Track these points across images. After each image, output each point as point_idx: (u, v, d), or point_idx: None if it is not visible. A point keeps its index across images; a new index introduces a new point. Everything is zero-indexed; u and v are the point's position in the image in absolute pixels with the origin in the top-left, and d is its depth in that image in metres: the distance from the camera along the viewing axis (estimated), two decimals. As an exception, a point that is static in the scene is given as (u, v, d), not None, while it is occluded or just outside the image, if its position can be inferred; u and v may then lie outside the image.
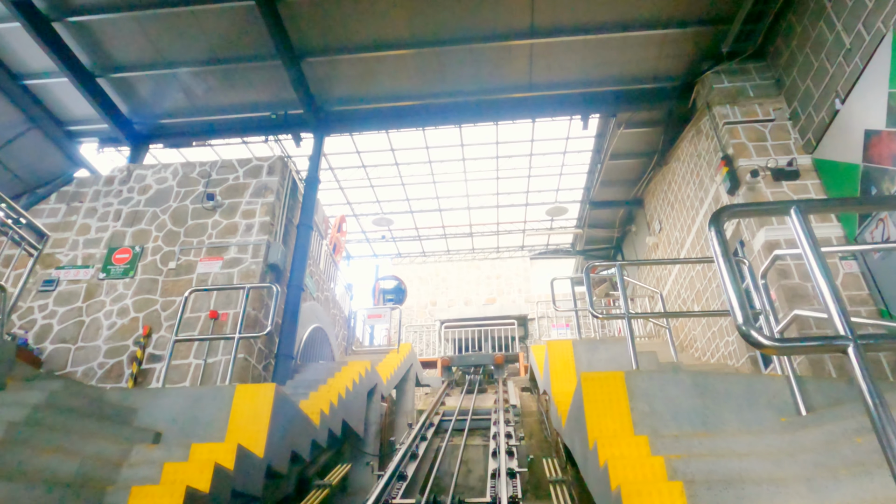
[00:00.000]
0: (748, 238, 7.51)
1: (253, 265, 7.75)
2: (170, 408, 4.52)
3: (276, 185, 8.62)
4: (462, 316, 19.53)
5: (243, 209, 8.38)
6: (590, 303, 4.66)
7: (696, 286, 9.93)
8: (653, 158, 12.18)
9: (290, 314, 8.04)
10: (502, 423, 8.99)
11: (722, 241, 1.76)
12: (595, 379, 4.23)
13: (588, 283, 4.83)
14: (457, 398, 13.00)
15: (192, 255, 7.98)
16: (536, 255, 20.88)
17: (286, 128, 10.83)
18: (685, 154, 10.33)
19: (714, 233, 1.75)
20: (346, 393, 6.88)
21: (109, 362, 7.05)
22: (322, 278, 11.11)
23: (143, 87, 10.18)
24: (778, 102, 8.31)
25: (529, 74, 9.62)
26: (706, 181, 9.15)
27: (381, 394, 9.31)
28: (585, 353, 7.12)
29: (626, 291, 15.04)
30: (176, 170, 9.04)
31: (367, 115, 10.54)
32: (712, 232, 1.76)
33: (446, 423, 10.42)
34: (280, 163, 8.92)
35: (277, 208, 8.58)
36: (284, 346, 7.74)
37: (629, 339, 4.48)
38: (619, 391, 4.16)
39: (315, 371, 8.22)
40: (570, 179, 14.59)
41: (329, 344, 10.98)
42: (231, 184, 8.74)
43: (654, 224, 12.75)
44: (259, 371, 7.41)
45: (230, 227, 8.22)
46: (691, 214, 10.05)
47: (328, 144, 12.79)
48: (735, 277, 1.67)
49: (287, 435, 4.79)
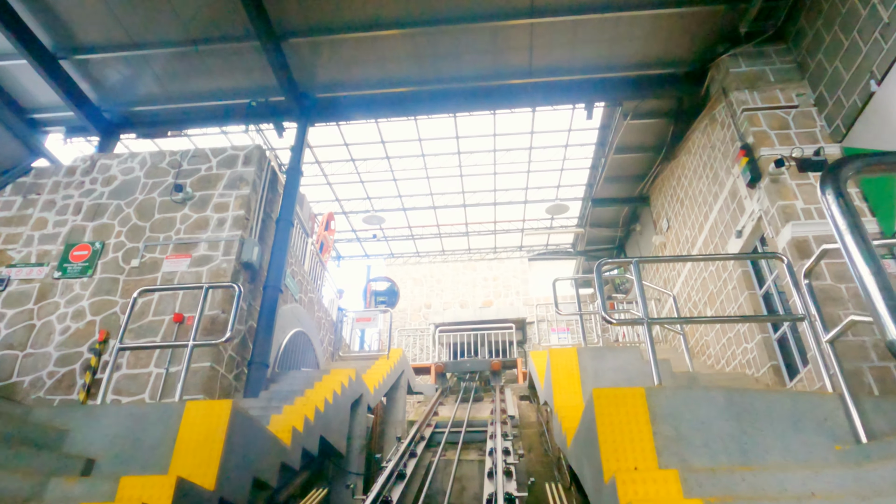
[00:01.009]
0: (771, 235, 6.91)
1: (224, 263, 7.11)
2: (108, 429, 3.88)
3: (252, 176, 7.98)
4: (458, 319, 18.88)
5: (216, 202, 7.74)
6: (602, 306, 4.05)
7: (710, 288, 9.33)
8: (660, 152, 11.59)
9: (265, 317, 7.40)
10: (499, 436, 8.36)
11: (847, 209, 1.12)
12: (610, 396, 3.62)
13: (599, 282, 4.21)
14: (451, 407, 12.37)
15: (157, 252, 7.33)
16: (536, 255, 20.28)
17: (268, 116, 10.20)
18: (697, 146, 9.74)
19: (833, 198, 1.11)
20: (325, 406, 6.24)
21: (60, 371, 6.39)
22: (306, 279, 10.47)
23: (113, 72, 9.54)
24: (801, 87, 7.73)
25: (529, 58, 9.01)
26: (721, 174, 8.56)
27: (368, 404, 8.67)
28: (591, 361, 6.53)
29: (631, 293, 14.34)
30: (144, 159, 8.40)
31: (354, 102, 9.91)
32: (830, 197, 1.13)
33: (439, 435, 9.79)
34: (257, 152, 8.28)
35: (254, 201, 7.94)
36: (258, 352, 7.09)
37: (650, 348, 3.87)
38: (638, 411, 3.54)
39: (293, 381, 7.58)
40: (571, 175, 14.00)
41: (313, 350, 10.33)
42: (203, 174, 8.10)
43: (662, 222, 12.16)
44: (229, 381, 6.77)
45: (200, 222, 7.57)
46: (703, 211, 9.46)
47: (314, 136, 12.17)
48: (876, 263, 1.04)
49: (248, 459, 4.15)
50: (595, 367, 6.50)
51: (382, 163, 12.92)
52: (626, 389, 3.63)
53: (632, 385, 6.44)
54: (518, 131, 11.87)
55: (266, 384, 7.25)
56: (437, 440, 9.63)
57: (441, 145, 12.34)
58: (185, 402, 3.93)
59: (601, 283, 4.21)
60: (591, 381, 6.45)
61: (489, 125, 11.51)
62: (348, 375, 7.54)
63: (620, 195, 13.87)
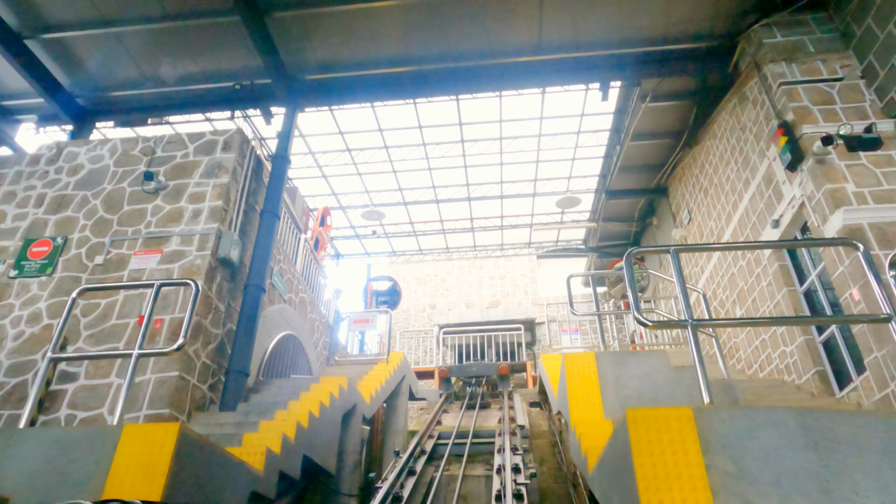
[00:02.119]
0: (816, 223, 6.16)
1: (198, 259, 6.44)
2: (27, 460, 3.21)
3: (232, 164, 7.30)
4: (463, 320, 18.18)
5: (191, 192, 7.07)
6: (634, 304, 3.33)
7: (739, 285, 8.58)
8: (681, 138, 10.83)
9: (246, 320, 6.72)
10: (508, 450, 7.66)
11: None
12: (649, 419, 2.91)
13: (630, 276, 3.50)
14: (455, 415, 11.68)
15: (125, 247, 6.67)
16: (545, 252, 19.53)
17: (254, 101, 9.54)
18: (724, 129, 8.98)
19: None
20: (310, 420, 5.56)
21: (11, 382, 5.74)
22: (297, 278, 9.79)
23: (85, 54, 8.89)
24: (846, 58, 6.97)
25: (539, 32, 8.28)
26: (753, 158, 7.81)
27: (364, 415, 7.99)
28: (612, 368, 5.82)
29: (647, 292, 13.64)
30: (114, 146, 7.74)
31: (347, 84, 9.22)
32: None
33: (442, 447, 9.09)
34: (238, 137, 7.61)
35: (233, 191, 7.26)
36: (237, 359, 6.42)
37: (696, 356, 3.15)
38: (686, 439, 2.84)
39: (278, 390, 6.91)
40: (583, 166, 13.25)
41: (305, 354, 9.66)
42: (179, 162, 7.44)
43: (682, 214, 11.40)
44: (203, 392, 6.09)
45: (174, 214, 6.91)
46: (732, 200, 8.71)
47: (307, 124, 11.49)
48: None
49: (204, 493, 3.46)
50: (616, 374, 5.80)
51: (380, 153, 12.22)
52: (669, 410, 2.92)
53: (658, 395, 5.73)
54: (526, 116, 11.14)
55: (246, 395, 6.57)
56: (440, 452, 8.93)
57: (443, 133, 11.63)
58: (123, 427, 3.25)
59: (632, 276, 3.49)
60: (611, 390, 5.74)
61: (494, 109, 10.78)
62: (339, 384, 6.86)
63: (637, 186, 13.11)
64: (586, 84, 9.45)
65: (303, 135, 11.55)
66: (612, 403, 5.61)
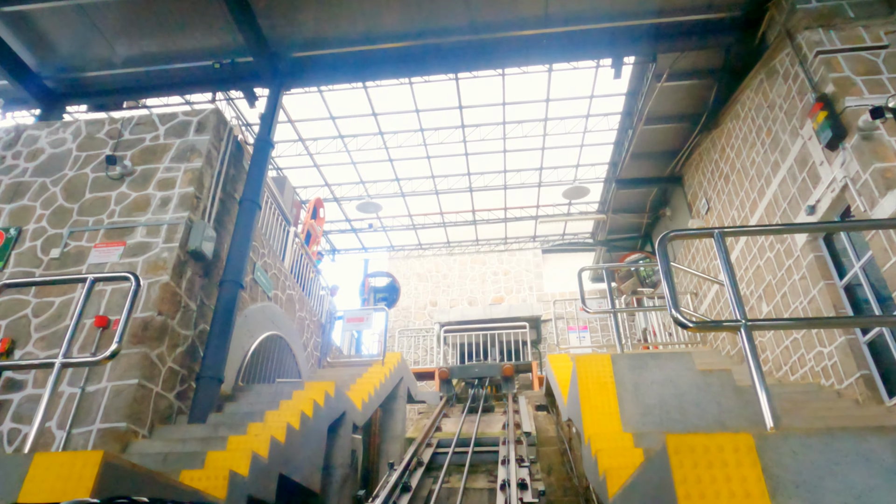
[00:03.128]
0: (863, 207, 5.51)
1: (164, 252, 5.82)
2: (-87, 496, 2.60)
3: (206, 147, 6.68)
4: (465, 318, 17.58)
5: (160, 178, 6.46)
6: (672, 301, 2.70)
7: (766, 278, 7.93)
8: (699, 121, 10.16)
9: (220, 320, 6.11)
10: (513, 461, 7.05)
11: None
12: (697, 451, 2.29)
13: (665, 266, 2.86)
14: (457, 420, 11.07)
15: (85, 239, 6.07)
16: (551, 246, 18.91)
17: (235, 81, 8.91)
18: (748, 108, 8.32)
19: None
20: (288, 433, 4.95)
21: (-50, 391, 5.14)
22: (283, 273, 9.18)
23: (53, 31, 8.28)
24: (890, 24, 6.30)
25: (545, 2, 7.63)
26: (783, 138, 7.15)
27: (354, 423, 7.38)
28: (630, 373, 5.21)
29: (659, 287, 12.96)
30: (78, 129, 7.14)
31: (336, 61, 8.58)
32: None
33: (441, 456, 8.49)
34: (214, 117, 6.99)
35: (208, 177, 6.64)
36: (210, 364, 5.81)
37: (753, 366, 2.52)
38: (747, 475, 2.23)
39: (258, 397, 6.31)
40: (592, 153, 12.59)
41: (293, 356, 9.05)
42: (148, 145, 6.82)
43: (699, 204, 10.74)
44: (170, 402, 5.49)
45: (140, 202, 6.29)
46: (757, 186, 8.05)
47: (296, 109, 10.86)
48: None
49: (140, 535, 2.84)
50: (635, 379, 5.19)
51: (375, 139, 11.58)
52: (722, 438, 2.29)
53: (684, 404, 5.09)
54: (531, 99, 10.48)
55: (221, 404, 5.97)
56: (439, 462, 8.33)
57: (442, 117, 10.98)
58: (34, 456, 2.64)
59: (668, 267, 2.85)
60: (630, 398, 5.13)
61: (497, 91, 10.12)
62: (325, 391, 6.25)
63: (649, 175, 12.43)
64: (597, 60, 8.80)
65: (291, 120, 10.92)
66: (631, 413, 5.00)
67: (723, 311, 9.90)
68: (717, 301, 10.13)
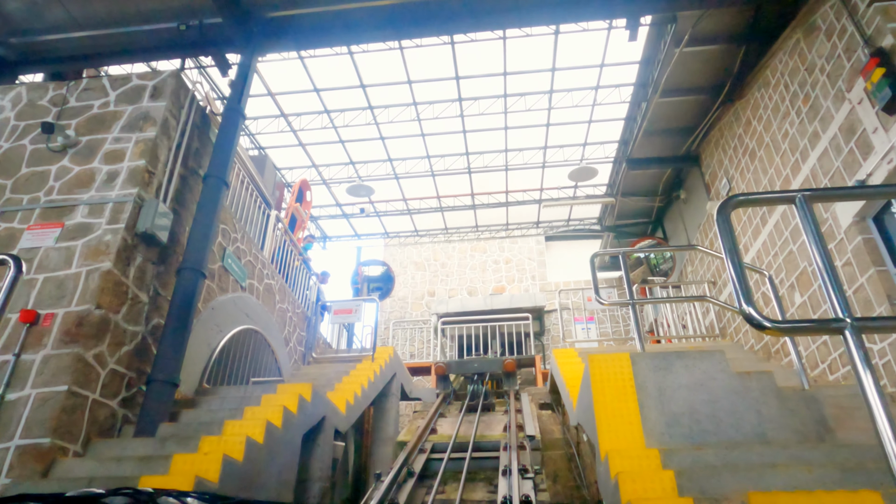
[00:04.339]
0: (931, 180, 4.73)
1: (108, 235, 5.05)
2: None
3: (162, 114, 5.89)
4: (464, 309, 16.82)
5: (107, 150, 5.68)
6: (743, 293, 1.93)
7: (800, 265, 7.17)
8: (720, 93, 9.35)
9: (178, 313, 5.35)
10: (516, 472, 6.32)
11: None
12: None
13: (732, 247, 2.09)
14: (454, 420, 10.36)
15: (17, 220, 5.30)
16: (555, 232, 18.12)
17: (204, 46, 8.07)
18: (780, 73, 7.51)
19: None
20: (247, 449, 4.22)
21: None
22: (262, 261, 8.43)
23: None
24: (958, -34, 5.48)
25: (553, -51, 6.80)
26: (825, 104, 6.35)
27: (336, 428, 6.67)
28: (653, 375, 4.50)
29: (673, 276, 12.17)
30: (18, 95, 6.34)
31: (317, 22, 7.75)
32: None
33: (436, 462, 7.78)
34: (173, 82, 6.19)
35: (164, 149, 5.86)
36: (162, 365, 5.06)
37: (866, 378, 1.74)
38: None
39: (220, 404, 5.57)
40: (601, 130, 11.77)
41: (272, 352, 8.32)
42: (96, 113, 6.04)
43: (720, 184, 9.96)
44: (112, 410, 4.74)
45: (83, 178, 5.52)
46: (791, 161, 7.27)
47: (276, 80, 10.03)
48: None
49: None
50: (659, 383, 4.47)
51: (364, 114, 10.76)
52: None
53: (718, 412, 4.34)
54: (535, 68, 9.64)
55: (176, 412, 5.22)
56: (434, 469, 7.61)
57: (437, 90, 10.15)
58: None
59: (733, 242, 2.10)
60: (653, 404, 4.41)
61: (497, 58, 9.28)
62: (300, 394, 5.52)
63: (663, 154, 11.63)
64: (609, 20, 7.96)
65: (271, 93, 10.11)
66: (654, 423, 4.26)
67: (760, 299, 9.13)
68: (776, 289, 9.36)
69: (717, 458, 3.89)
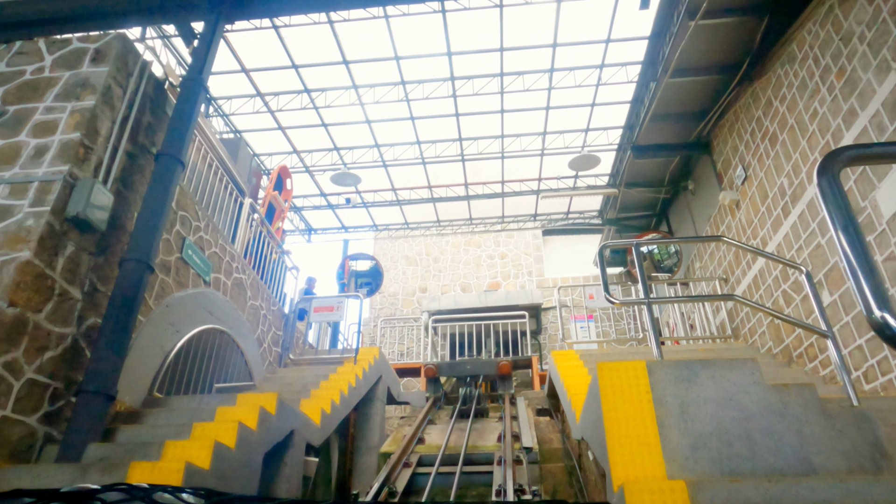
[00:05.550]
0: None
1: (30, 219, 4.33)
2: None
3: (104, 81, 5.16)
4: (457, 306, 16.14)
5: (37, 120, 4.94)
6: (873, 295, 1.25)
7: (830, 260, 6.52)
8: (736, 73, 8.69)
9: (118, 313, 4.63)
10: (511, 491, 5.66)
11: None
12: None
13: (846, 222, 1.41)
14: (444, 427, 9.69)
15: (-74, 202, 4.56)
16: (553, 227, 17.45)
17: (165, 12, 7.32)
18: (809, 45, 6.84)
19: None
20: (184, 477, 3.51)
21: None
22: (231, 253, 7.71)
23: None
24: None
25: None
26: (864, 77, 5.69)
27: (308, 442, 5.97)
28: (674, 387, 3.83)
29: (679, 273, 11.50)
30: (-59, 60, 5.59)
31: (290, -15, 7.02)
32: None
33: (422, 478, 7.11)
34: (119, 44, 5.45)
35: (105, 121, 5.12)
36: (95, 373, 4.34)
37: None
38: None
39: (169, 417, 4.86)
40: (605, 115, 11.09)
41: (241, 354, 7.61)
42: (28, 80, 5.30)
43: (735, 172, 9.30)
44: (31, 428, 4.03)
45: (8, 152, 4.79)
46: (821, 143, 6.61)
47: (249, 54, 9.28)
48: None
49: None
50: (682, 397, 3.79)
51: (349, 94, 10.02)
52: None
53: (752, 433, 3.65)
54: (535, 43, 8.94)
55: (115, 429, 4.51)
56: (420, 485, 6.95)
57: (428, 67, 9.43)
58: None
59: (846, 208, 1.44)
60: (676, 422, 3.72)
61: (494, 30, 8.57)
62: (262, 406, 4.82)
63: (671, 140, 10.95)
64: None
65: (245, 69, 9.35)
66: (677, 445, 3.57)
67: (764, 297, 8.49)
68: (756, 286, 8.72)
69: (757, 494, 3.19)
